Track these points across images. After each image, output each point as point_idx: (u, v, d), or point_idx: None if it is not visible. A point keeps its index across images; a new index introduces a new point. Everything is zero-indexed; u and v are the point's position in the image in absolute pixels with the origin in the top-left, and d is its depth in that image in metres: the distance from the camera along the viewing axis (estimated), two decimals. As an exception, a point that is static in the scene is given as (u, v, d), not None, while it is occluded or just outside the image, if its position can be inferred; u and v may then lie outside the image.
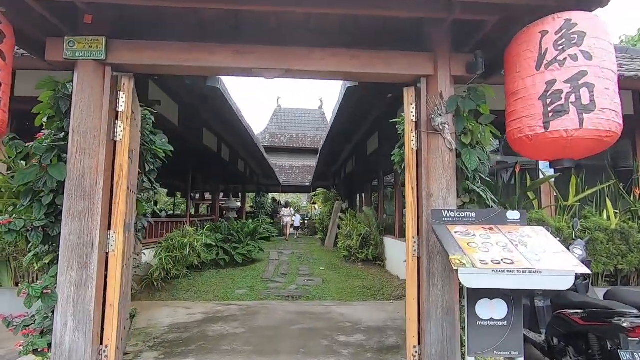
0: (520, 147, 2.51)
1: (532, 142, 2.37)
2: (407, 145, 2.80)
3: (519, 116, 2.42)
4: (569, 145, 2.27)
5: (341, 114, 6.96)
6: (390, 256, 7.86)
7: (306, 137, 23.52)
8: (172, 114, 7.12)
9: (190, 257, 5.50)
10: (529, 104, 2.37)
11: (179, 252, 5.29)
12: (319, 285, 6.17)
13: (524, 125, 2.38)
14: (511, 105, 2.49)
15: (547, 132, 2.26)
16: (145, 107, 4.17)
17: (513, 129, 2.46)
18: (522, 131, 2.40)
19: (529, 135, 2.36)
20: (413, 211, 2.71)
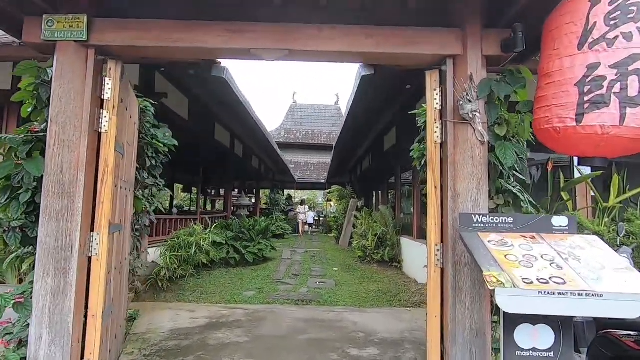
0: (546, 139, 2.10)
1: (559, 136, 1.97)
2: (430, 137, 2.41)
3: (549, 103, 2.00)
4: (604, 143, 1.87)
5: (356, 107, 6.58)
6: (408, 258, 7.45)
7: (322, 134, 23.17)
8: (182, 108, 6.90)
9: (197, 257, 5.27)
10: (562, 90, 1.95)
11: (184, 252, 5.06)
12: (332, 288, 5.83)
13: (553, 115, 1.97)
14: (542, 88, 2.07)
15: (579, 127, 1.86)
16: (145, 99, 3.92)
17: (540, 117, 2.05)
18: (549, 121, 1.99)
19: (557, 127, 1.95)
20: (436, 214, 2.32)
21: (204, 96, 6.34)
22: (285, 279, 6.47)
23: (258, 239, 8.29)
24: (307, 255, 9.94)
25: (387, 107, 7.03)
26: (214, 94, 5.90)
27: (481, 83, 2.21)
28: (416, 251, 6.75)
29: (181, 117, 6.74)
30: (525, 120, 2.21)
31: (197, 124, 7.46)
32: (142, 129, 3.85)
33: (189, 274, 5.46)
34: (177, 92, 6.49)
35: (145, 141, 3.87)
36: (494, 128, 2.24)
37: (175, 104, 6.46)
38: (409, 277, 6.92)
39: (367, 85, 5.24)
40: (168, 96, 5.88)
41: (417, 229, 7.00)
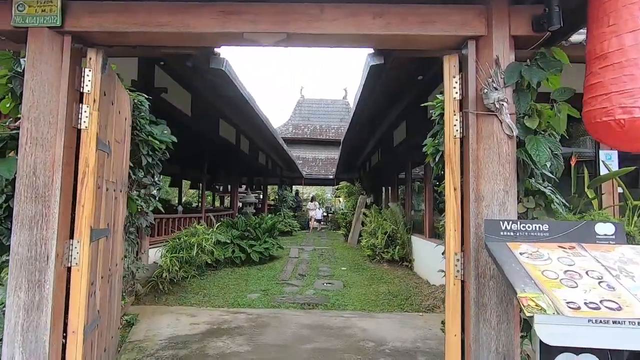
0: (602, 134, 1.80)
1: (623, 129, 1.67)
2: (448, 131, 2.12)
3: (607, 91, 1.70)
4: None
5: (364, 100, 6.27)
6: (419, 257, 7.15)
7: (330, 129, 22.87)
8: (184, 104, 6.69)
9: (200, 258, 5.07)
10: (625, 74, 1.65)
11: (185, 253, 4.87)
12: (339, 290, 5.59)
13: (614, 105, 1.67)
14: (595, 74, 1.76)
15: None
16: (139, 93, 3.70)
17: (595, 108, 1.75)
18: (609, 112, 1.68)
19: (620, 119, 1.65)
20: (455, 219, 2.04)
21: (206, 91, 6.10)
22: (291, 280, 6.25)
23: (264, 237, 8.08)
24: (315, 253, 9.71)
25: (397, 99, 6.71)
26: (216, 88, 5.66)
27: (509, 68, 1.91)
28: (428, 251, 6.45)
29: (183, 113, 6.53)
30: (562, 111, 1.90)
31: (200, 119, 7.25)
32: (136, 125, 3.63)
33: (192, 275, 5.27)
34: (179, 87, 6.28)
35: (140, 138, 3.66)
36: (524, 120, 1.94)
37: (177, 100, 6.25)
38: (420, 278, 6.64)
39: (376, 77, 4.93)
40: (168, 91, 5.66)
41: (429, 228, 6.70)
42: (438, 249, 5.78)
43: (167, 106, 5.80)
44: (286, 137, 22.26)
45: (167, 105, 5.80)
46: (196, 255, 4.99)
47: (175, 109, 6.12)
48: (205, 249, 5.05)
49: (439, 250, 5.54)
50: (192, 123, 7.02)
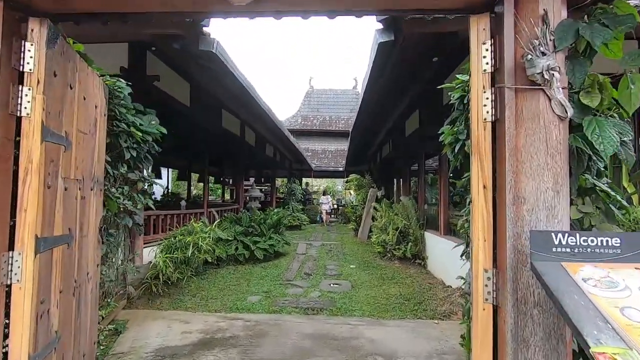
0: None
1: None
2: (476, 113, 1.66)
3: None
4: None
5: (372, 84, 5.77)
6: (433, 255, 6.69)
7: (340, 120, 22.34)
8: (182, 94, 6.31)
9: (195, 258, 4.73)
10: None
11: (180, 253, 4.53)
12: (347, 292, 5.19)
13: None
14: None
15: None
16: (119, 79, 3.31)
17: None
18: None
19: None
20: (485, 226, 1.59)
21: (204, 79, 5.70)
22: (296, 280, 5.87)
23: (269, 234, 7.73)
24: (323, 249, 9.33)
25: (409, 85, 6.19)
26: (213, 76, 5.25)
27: (562, 26, 1.43)
28: (443, 249, 5.99)
29: (181, 103, 6.16)
30: (637, 82, 1.41)
31: (200, 110, 6.87)
32: (116, 115, 3.26)
33: (189, 275, 4.94)
34: (175, 76, 5.90)
35: (120, 129, 3.28)
36: (579, 96, 1.46)
37: (174, 89, 5.87)
38: (434, 277, 6.19)
39: (386, 57, 4.44)
40: (163, 79, 5.29)
41: (443, 224, 6.22)
42: (456, 248, 5.29)
43: (161, 95, 5.43)
44: (295, 129, 21.85)
45: (162, 95, 5.43)
46: (192, 256, 4.65)
47: (171, 99, 5.75)
48: (202, 248, 4.70)
49: (454, 248, 5.07)
50: (191, 114, 6.65)
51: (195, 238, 4.71)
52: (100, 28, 2.83)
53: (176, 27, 3.34)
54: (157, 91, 5.26)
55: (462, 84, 2.86)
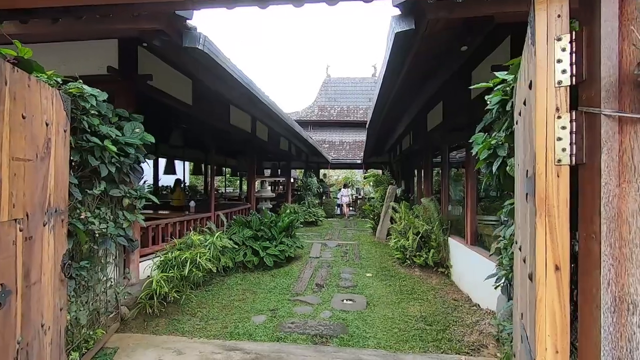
0: None
1: None
2: (542, 150, 1.07)
3: None
4: None
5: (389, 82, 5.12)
6: (458, 264, 6.06)
7: (358, 109, 21.57)
8: (184, 92, 5.87)
9: (194, 275, 4.33)
10: None
11: (177, 271, 4.13)
12: (361, 313, 4.68)
13: None
14: None
15: None
16: (81, 85, 2.84)
17: None
18: None
19: None
20: (558, 331, 1.02)
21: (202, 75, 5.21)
22: (306, 294, 5.41)
23: (280, 237, 7.29)
24: (339, 251, 8.84)
25: (431, 78, 5.49)
26: (209, 72, 4.74)
27: None
28: (470, 261, 5.36)
29: (181, 102, 5.72)
30: None
31: (204, 108, 6.42)
32: (85, 127, 2.81)
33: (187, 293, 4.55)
34: (174, 73, 5.44)
35: (91, 144, 2.84)
36: None
37: (173, 87, 5.42)
38: (459, 291, 5.59)
39: (405, 50, 3.79)
40: (157, 77, 4.83)
41: (470, 233, 5.56)
42: (476, 257, 4.64)
43: (158, 95, 4.99)
44: (312, 120, 21.26)
45: (158, 94, 4.99)
46: (189, 273, 4.24)
47: (169, 98, 5.30)
48: (200, 265, 4.28)
49: (482, 260, 4.44)
50: (195, 112, 6.21)
51: (193, 254, 4.30)
52: (73, 24, 2.35)
53: (152, 21, 2.83)
54: (153, 91, 4.82)
55: (502, 85, 2.23)
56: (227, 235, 6.78)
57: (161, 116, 7.73)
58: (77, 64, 4.37)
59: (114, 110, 3.47)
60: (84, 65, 4.39)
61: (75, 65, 4.37)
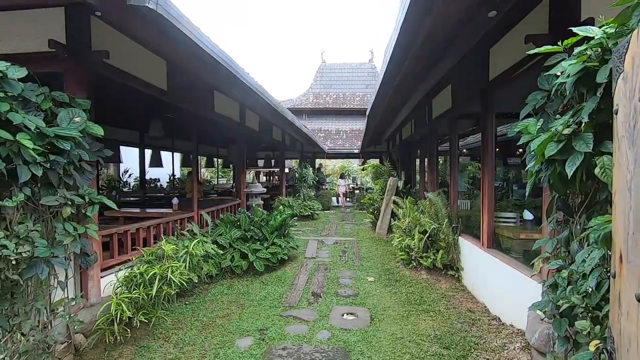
0: None
1: None
2: None
3: None
4: None
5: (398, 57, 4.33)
6: (471, 268, 5.40)
7: (355, 96, 20.71)
8: (157, 75, 5.05)
9: (165, 294, 3.60)
10: None
11: (142, 291, 3.40)
12: (365, 332, 4.00)
13: None
14: None
15: None
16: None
17: None
18: None
19: None
20: None
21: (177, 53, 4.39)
22: (300, 306, 4.73)
23: (272, 238, 6.58)
24: (337, 249, 8.16)
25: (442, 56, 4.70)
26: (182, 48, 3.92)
27: None
28: (487, 266, 4.69)
29: (155, 87, 4.91)
30: None
31: (183, 94, 5.61)
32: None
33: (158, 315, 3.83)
34: (144, 52, 4.61)
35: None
36: None
37: (141, 69, 4.60)
38: (474, 299, 4.94)
39: (422, 15, 3.00)
40: (119, 55, 4.02)
41: (487, 234, 4.86)
42: (495, 263, 3.96)
43: (121, 77, 4.17)
44: (307, 108, 20.38)
45: (122, 76, 4.18)
46: (159, 292, 3.51)
47: (138, 82, 4.49)
48: (172, 282, 3.55)
49: (502, 267, 3.76)
50: (172, 99, 5.41)
51: (163, 268, 3.57)
52: None
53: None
54: (113, 72, 4.01)
55: (590, 46, 1.48)
56: (212, 237, 6.06)
57: (130, 103, 6.89)
58: (15, 40, 3.56)
59: (49, 94, 2.68)
60: (24, 42, 3.58)
61: (13, 42, 3.55)
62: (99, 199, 3.14)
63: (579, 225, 2.06)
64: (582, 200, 2.18)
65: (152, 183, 16.27)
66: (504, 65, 4.21)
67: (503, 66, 4.26)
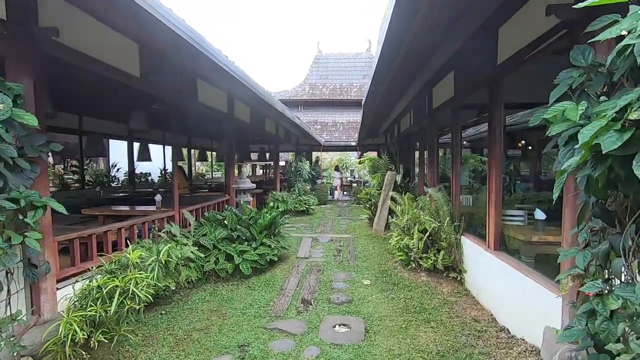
0: None
1: None
2: None
3: None
4: None
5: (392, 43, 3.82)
6: (475, 270, 4.96)
7: (352, 87, 20.13)
8: (127, 60, 4.54)
9: (128, 310, 3.12)
10: None
11: (99, 308, 2.92)
12: (359, 347, 3.55)
13: None
14: None
15: None
16: None
17: None
18: None
19: None
20: None
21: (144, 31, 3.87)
22: (288, 316, 4.28)
23: (261, 238, 6.12)
24: (332, 248, 7.72)
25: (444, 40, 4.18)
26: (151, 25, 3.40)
27: None
28: (493, 270, 4.24)
29: (123, 72, 4.40)
30: None
31: (159, 82, 5.09)
32: None
33: (121, 333, 3.36)
34: (108, 33, 4.07)
35: None
36: None
37: (105, 51, 4.07)
38: (479, 305, 4.51)
39: None
40: (73, 34, 3.50)
41: (494, 235, 4.39)
42: (502, 267, 3.50)
43: (77, 59, 3.65)
44: (302, 99, 19.80)
45: (79, 59, 3.65)
46: (121, 307, 3.04)
47: (101, 65, 3.97)
48: (137, 296, 3.08)
49: (510, 272, 3.36)
50: (146, 87, 4.90)
51: (125, 280, 3.09)
52: None
53: None
54: (67, 52, 3.48)
55: None
56: (194, 237, 5.59)
57: (111, 93, 6.36)
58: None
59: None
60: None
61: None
62: (43, 202, 2.65)
63: (630, 239, 1.59)
64: (628, 206, 1.71)
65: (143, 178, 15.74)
66: (516, 46, 3.70)
67: (515, 47, 3.76)
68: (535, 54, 3.23)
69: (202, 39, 3.76)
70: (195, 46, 3.64)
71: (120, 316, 3.15)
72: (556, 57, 2.71)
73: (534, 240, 4.02)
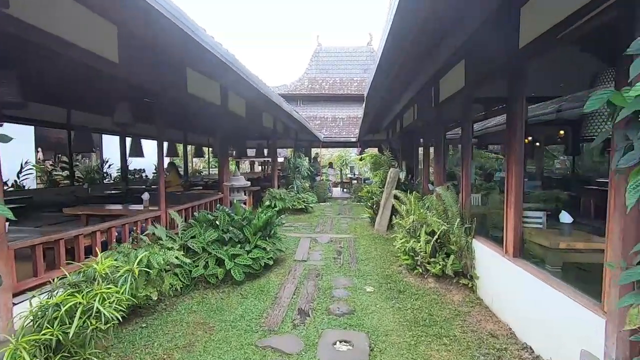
0: None
1: None
2: None
3: None
4: None
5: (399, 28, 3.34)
6: (489, 278, 4.50)
7: (352, 82, 19.61)
8: (103, 43, 4.04)
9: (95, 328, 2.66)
10: None
11: (57, 330, 2.46)
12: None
13: None
14: None
15: None
16: None
17: None
18: None
19: None
20: None
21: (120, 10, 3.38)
22: (282, 331, 3.82)
23: (255, 240, 5.66)
24: (332, 249, 7.26)
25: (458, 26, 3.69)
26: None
27: None
28: (512, 279, 3.79)
29: (99, 57, 3.91)
30: None
31: (141, 70, 4.61)
32: None
33: (86, 357, 2.90)
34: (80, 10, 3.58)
35: None
36: None
37: (74, 31, 3.58)
38: (494, 317, 4.06)
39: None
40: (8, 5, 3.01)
41: (514, 241, 3.93)
42: (523, 276, 3.00)
43: (35, 36, 3.16)
44: (301, 94, 19.28)
45: (36, 35, 3.16)
46: (83, 329, 2.58)
47: (65, 45, 3.48)
48: (103, 315, 2.61)
49: (533, 282, 2.88)
50: (125, 75, 4.41)
51: (89, 296, 2.63)
52: None
53: None
54: (18, 27, 2.99)
55: None
56: (182, 240, 5.13)
57: (82, 83, 5.84)
58: None
59: None
60: None
61: None
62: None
63: None
64: None
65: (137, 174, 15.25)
66: (544, 26, 3.23)
67: (542, 27, 3.28)
68: (574, 29, 2.74)
69: (183, 15, 3.27)
70: (172, 21, 3.15)
71: (85, 337, 2.68)
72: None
73: (561, 247, 3.56)
